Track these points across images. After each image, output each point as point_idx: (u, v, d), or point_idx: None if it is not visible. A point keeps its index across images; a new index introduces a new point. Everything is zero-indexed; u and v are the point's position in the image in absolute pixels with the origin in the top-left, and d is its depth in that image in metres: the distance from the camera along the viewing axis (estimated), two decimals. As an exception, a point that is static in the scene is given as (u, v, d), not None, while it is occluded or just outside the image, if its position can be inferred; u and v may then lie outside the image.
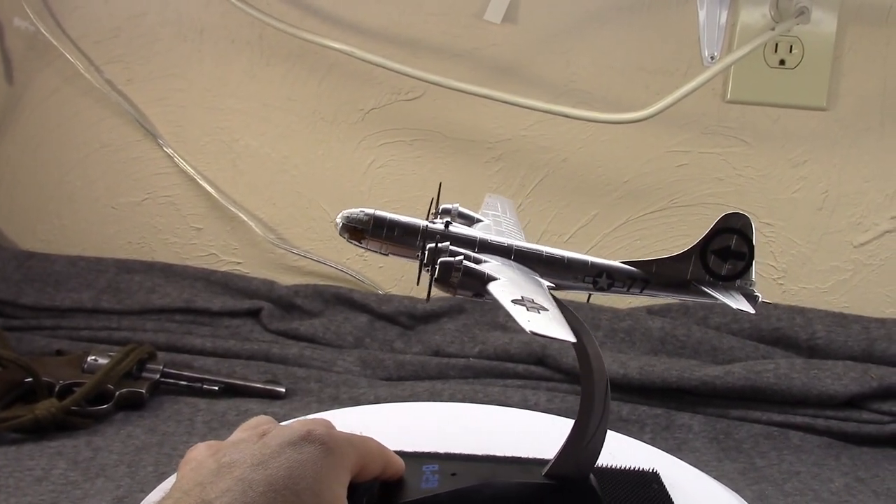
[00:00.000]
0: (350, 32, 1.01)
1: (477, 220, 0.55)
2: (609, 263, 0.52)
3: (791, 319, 0.95)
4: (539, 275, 0.50)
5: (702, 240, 0.52)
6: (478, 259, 0.48)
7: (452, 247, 0.47)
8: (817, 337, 0.93)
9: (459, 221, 0.52)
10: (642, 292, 0.52)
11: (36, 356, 0.86)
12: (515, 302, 0.42)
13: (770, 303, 0.53)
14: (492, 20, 0.98)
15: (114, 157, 1.08)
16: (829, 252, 1.01)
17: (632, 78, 0.99)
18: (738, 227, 0.52)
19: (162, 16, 1.04)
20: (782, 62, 0.96)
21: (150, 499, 0.57)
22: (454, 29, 1.00)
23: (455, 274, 0.45)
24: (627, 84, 0.99)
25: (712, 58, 0.97)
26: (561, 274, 0.51)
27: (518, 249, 0.50)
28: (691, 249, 0.52)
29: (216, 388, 0.85)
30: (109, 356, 0.81)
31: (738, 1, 0.95)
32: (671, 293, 0.53)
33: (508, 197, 1.03)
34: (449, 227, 0.50)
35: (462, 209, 0.56)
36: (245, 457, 0.41)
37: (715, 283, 0.52)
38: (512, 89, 0.97)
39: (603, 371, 0.50)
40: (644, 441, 0.72)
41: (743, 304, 0.52)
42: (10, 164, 1.10)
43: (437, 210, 0.53)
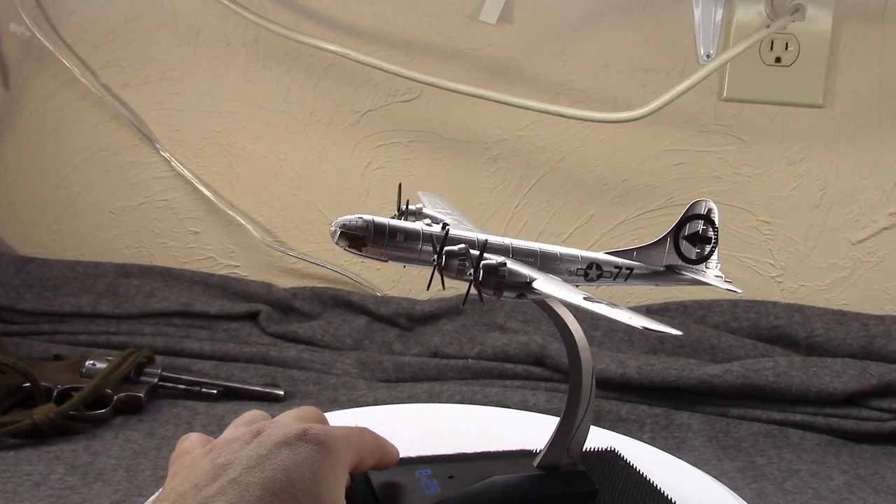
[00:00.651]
0: (345, 34, 1.01)
1: (440, 220, 0.55)
2: (596, 254, 0.54)
3: (790, 317, 0.95)
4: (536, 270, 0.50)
5: (674, 227, 0.56)
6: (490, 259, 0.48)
7: (472, 251, 0.47)
8: (816, 335, 0.93)
9: (426, 221, 0.52)
10: (627, 280, 0.55)
11: (34, 361, 0.86)
12: (589, 300, 0.44)
13: (738, 290, 0.57)
14: (487, 21, 0.98)
15: (111, 162, 1.08)
16: (827, 249, 1.01)
17: (628, 77, 0.99)
18: (705, 214, 0.56)
19: (157, 20, 1.04)
20: (778, 60, 0.96)
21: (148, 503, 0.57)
22: (450, 30, 1.00)
23: (500, 276, 0.45)
24: (623, 83, 0.99)
25: (708, 56, 0.97)
26: (555, 268, 0.52)
27: (515, 248, 0.51)
28: (665, 236, 0.56)
29: (215, 392, 0.84)
30: (107, 360, 0.81)
31: (734, -1, 0.95)
32: (656, 281, 0.56)
33: (506, 197, 1.03)
34: (447, 229, 0.50)
35: (426, 210, 0.56)
36: (240, 458, 0.41)
37: (688, 267, 0.56)
38: (508, 89, 0.97)
39: (589, 361, 0.53)
40: (643, 440, 0.72)
41: (729, 285, 0.56)
42: (8, 170, 1.10)
43: (403, 211, 0.53)
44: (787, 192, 1.00)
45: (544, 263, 0.51)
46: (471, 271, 0.46)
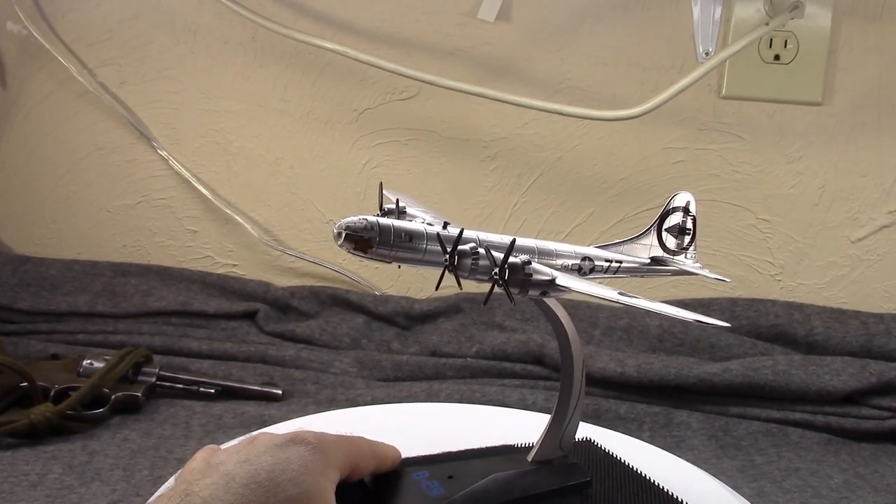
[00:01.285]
0: (343, 32, 1.01)
1: (430, 219, 0.55)
2: (587, 249, 0.55)
3: (789, 316, 0.95)
4: None
5: (657, 219, 0.59)
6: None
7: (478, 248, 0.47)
8: (815, 333, 0.93)
9: (406, 219, 0.51)
10: (617, 273, 0.56)
11: (31, 360, 0.86)
12: (624, 295, 0.44)
13: (727, 280, 0.59)
14: (485, 18, 0.98)
15: (108, 161, 1.08)
16: (827, 248, 1.01)
17: (626, 75, 0.99)
18: (685, 206, 0.58)
19: (154, 18, 1.03)
20: (777, 57, 0.96)
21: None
22: (448, 28, 1.00)
23: (526, 274, 0.45)
24: (622, 81, 0.99)
25: (707, 54, 0.96)
26: (551, 263, 0.52)
27: (517, 246, 0.50)
28: (648, 229, 0.59)
29: (212, 391, 0.84)
30: (105, 360, 0.81)
31: (733, -4, 0.95)
32: (642, 273, 0.58)
33: (504, 195, 1.03)
34: (447, 228, 0.49)
35: (409, 209, 0.56)
36: (232, 456, 0.43)
37: (672, 259, 0.58)
38: (506, 87, 0.97)
39: (580, 354, 0.54)
40: (643, 439, 0.72)
41: (716, 274, 0.58)
42: (5, 169, 1.10)
43: (383, 209, 0.53)
44: (787, 190, 1.00)
45: (541, 259, 0.51)
46: (495, 271, 0.45)
